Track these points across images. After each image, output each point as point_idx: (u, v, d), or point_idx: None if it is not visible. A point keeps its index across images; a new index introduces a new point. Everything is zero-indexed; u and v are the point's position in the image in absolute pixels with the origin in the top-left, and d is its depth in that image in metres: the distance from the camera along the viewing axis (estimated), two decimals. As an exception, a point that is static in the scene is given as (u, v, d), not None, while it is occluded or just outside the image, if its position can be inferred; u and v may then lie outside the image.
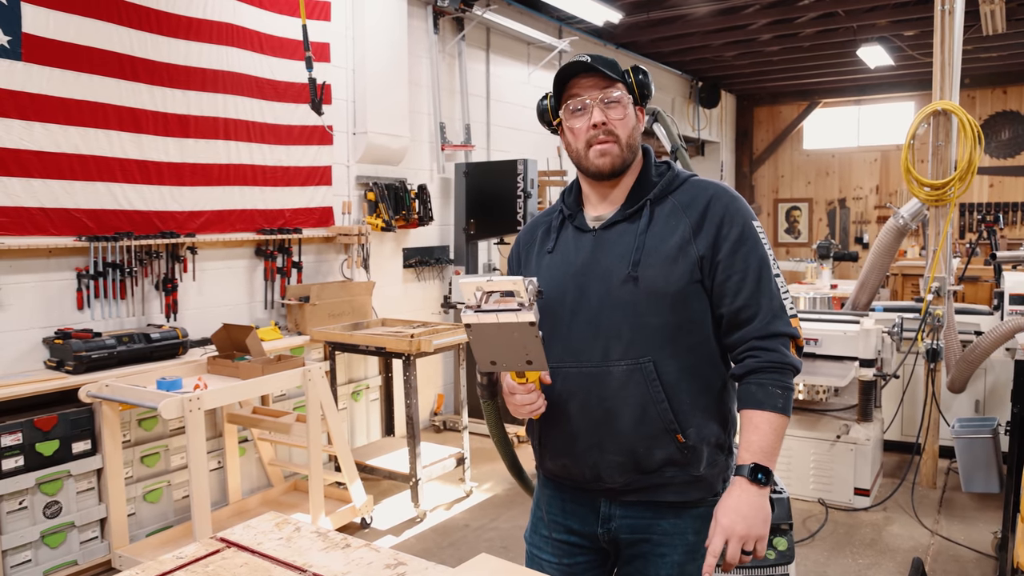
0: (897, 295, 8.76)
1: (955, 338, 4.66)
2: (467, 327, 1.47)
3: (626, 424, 1.59)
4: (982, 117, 10.38)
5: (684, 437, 1.58)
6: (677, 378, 1.58)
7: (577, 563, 1.74)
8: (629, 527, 1.66)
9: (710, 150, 11.83)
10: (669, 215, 1.61)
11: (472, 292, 1.46)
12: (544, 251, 1.72)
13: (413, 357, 4.16)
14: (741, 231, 1.58)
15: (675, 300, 1.57)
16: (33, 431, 3.30)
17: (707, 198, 1.61)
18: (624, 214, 1.64)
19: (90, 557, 3.53)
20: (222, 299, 4.51)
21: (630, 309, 1.57)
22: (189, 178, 4.26)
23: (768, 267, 1.59)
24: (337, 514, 3.91)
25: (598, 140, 1.61)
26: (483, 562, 1.53)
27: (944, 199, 4.47)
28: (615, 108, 1.60)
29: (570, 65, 1.62)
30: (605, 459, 1.61)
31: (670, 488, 1.62)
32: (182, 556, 1.57)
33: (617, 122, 1.60)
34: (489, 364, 1.52)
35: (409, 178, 5.73)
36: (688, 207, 1.61)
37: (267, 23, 4.67)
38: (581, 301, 1.62)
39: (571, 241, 1.69)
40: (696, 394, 1.59)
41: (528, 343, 1.45)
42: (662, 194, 1.64)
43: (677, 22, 7.73)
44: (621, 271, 1.59)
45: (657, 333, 1.57)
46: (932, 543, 3.89)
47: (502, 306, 1.44)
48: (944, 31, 4.44)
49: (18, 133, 3.51)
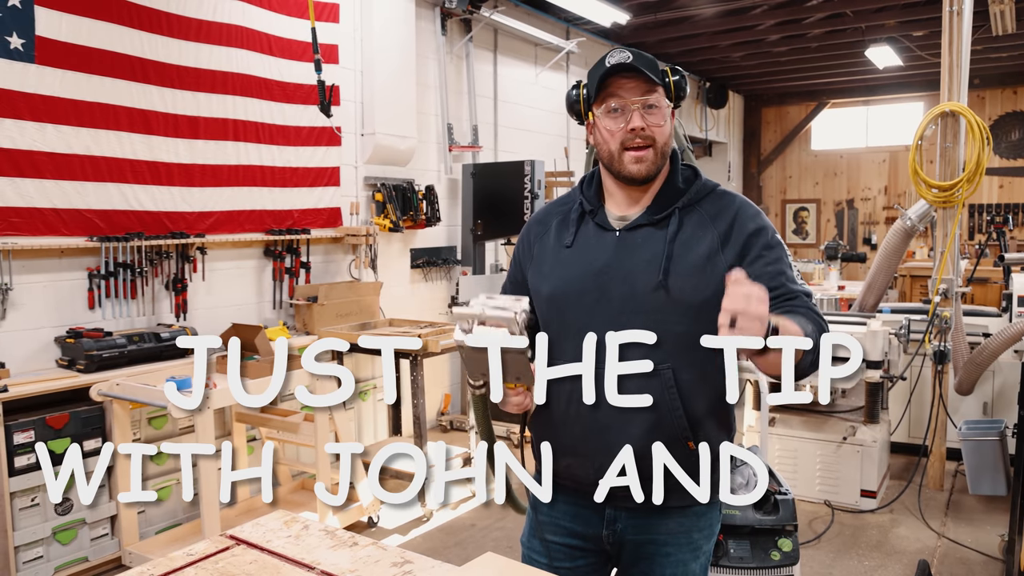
0: (905, 297, 8.73)
1: (963, 340, 4.64)
2: (459, 347, 1.49)
3: (638, 429, 1.56)
4: (991, 118, 10.32)
5: (694, 444, 1.55)
6: (694, 386, 1.57)
7: (578, 567, 1.72)
8: (635, 527, 1.66)
9: (718, 151, 11.81)
10: (697, 225, 1.61)
11: (466, 313, 1.49)
12: (561, 244, 1.68)
13: (420, 357, 4.18)
14: (768, 242, 1.60)
15: (700, 310, 1.53)
16: (45, 429, 3.34)
17: (734, 210, 1.62)
18: (650, 218, 1.62)
19: (101, 554, 3.56)
20: (231, 299, 4.55)
21: (655, 315, 1.55)
22: (199, 179, 4.29)
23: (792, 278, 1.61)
24: (344, 513, 3.94)
25: (634, 145, 1.57)
26: (489, 560, 1.55)
27: (952, 201, 4.46)
28: (655, 114, 1.57)
29: (613, 65, 1.56)
30: (611, 464, 1.56)
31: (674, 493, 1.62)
32: (192, 553, 1.59)
33: (656, 129, 1.57)
34: (479, 376, 1.54)
35: (417, 179, 5.76)
36: (716, 218, 1.61)
37: (276, 25, 4.70)
38: (601, 302, 1.59)
39: (592, 238, 1.65)
40: (710, 402, 1.58)
41: (518, 365, 1.48)
42: (690, 203, 1.63)
43: (685, 23, 7.72)
44: (649, 277, 1.56)
45: (680, 341, 1.54)
46: (939, 545, 3.89)
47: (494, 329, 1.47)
48: (952, 32, 4.43)
49: (31, 135, 3.56)
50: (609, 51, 1.61)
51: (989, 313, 5.22)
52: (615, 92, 1.57)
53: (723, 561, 2.57)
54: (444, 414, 6.10)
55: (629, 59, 1.56)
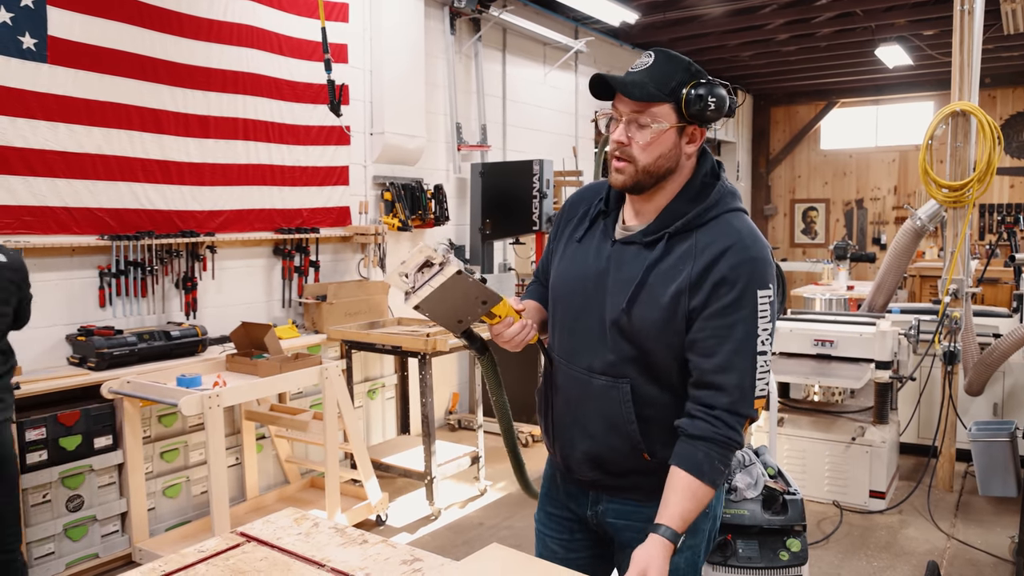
0: (915, 297, 8.69)
1: (973, 340, 4.62)
2: (416, 308, 1.55)
3: (597, 432, 1.65)
4: (1003, 117, 10.26)
5: (650, 455, 1.62)
6: (650, 402, 1.60)
7: (576, 539, 1.81)
8: (614, 512, 1.72)
9: (726, 150, 11.78)
10: (682, 256, 1.54)
11: (399, 280, 1.55)
12: (574, 238, 1.72)
13: (429, 356, 4.19)
14: (738, 297, 1.49)
15: (657, 340, 1.56)
16: (56, 426, 3.36)
17: (722, 248, 1.51)
18: (643, 238, 1.59)
19: (111, 550, 3.59)
20: (241, 297, 4.57)
21: (618, 334, 1.59)
22: (209, 178, 4.31)
23: (753, 341, 1.50)
24: (353, 511, 3.95)
25: (615, 155, 1.57)
26: (494, 551, 1.56)
27: (962, 200, 4.44)
28: (643, 132, 1.52)
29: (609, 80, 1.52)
30: (575, 454, 1.69)
31: (637, 491, 1.67)
32: (204, 550, 1.61)
33: (638, 147, 1.52)
34: (456, 324, 1.61)
35: (425, 178, 5.77)
36: (703, 252, 1.52)
37: (286, 25, 4.71)
38: (585, 309, 1.65)
39: (596, 242, 1.67)
40: (666, 419, 1.60)
41: (470, 289, 1.54)
42: (687, 227, 1.55)
43: (693, 22, 7.71)
44: (619, 299, 1.58)
45: (639, 360, 1.59)
46: (948, 547, 3.87)
47: (429, 274, 1.53)
48: (963, 30, 4.41)
49: (43, 134, 3.58)
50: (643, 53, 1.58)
51: (1000, 314, 5.20)
52: (616, 99, 1.56)
53: (732, 561, 2.57)
54: (452, 413, 6.11)
55: (639, 68, 1.52)
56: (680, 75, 1.51)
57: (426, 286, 1.52)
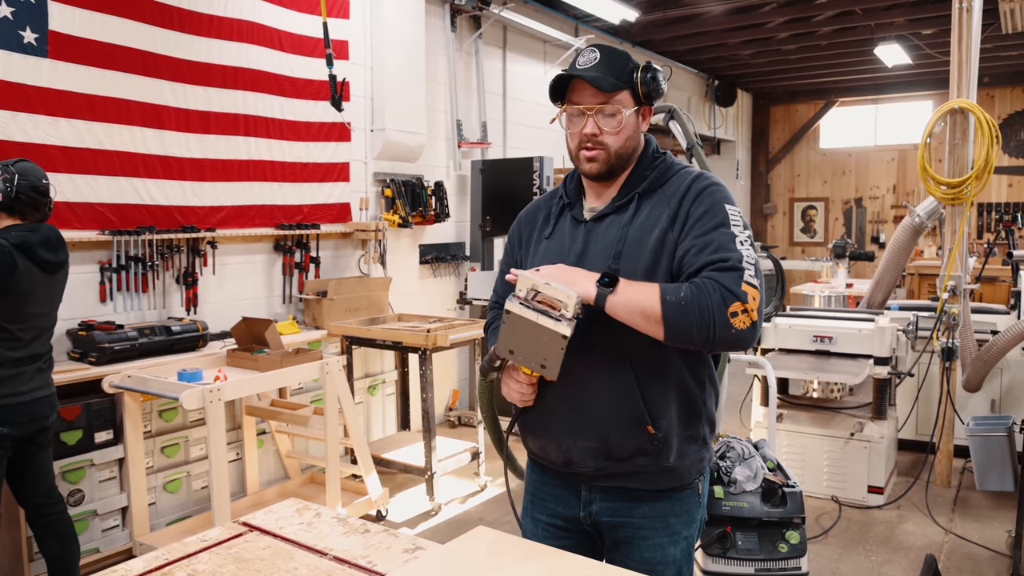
0: (914, 295, 8.71)
1: (971, 337, 4.64)
2: (506, 312, 1.53)
3: (600, 412, 1.63)
4: (1001, 116, 10.28)
5: (655, 429, 1.62)
6: (653, 372, 1.62)
7: (563, 545, 1.76)
8: (609, 510, 1.71)
9: (726, 149, 11.79)
10: (655, 206, 1.65)
11: (527, 287, 1.52)
12: (542, 237, 1.77)
13: (429, 352, 4.20)
14: (710, 209, 1.58)
15: None
16: (57, 420, 3.36)
17: (687, 185, 1.64)
18: (613, 207, 1.68)
19: (111, 545, 3.60)
20: (241, 293, 4.58)
21: None
22: (210, 173, 4.32)
23: (734, 241, 1.54)
24: (353, 506, 3.96)
25: (586, 147, 1.65)
26: (481, 533, 1.57)
27: (960, 198, 4.46)
28: (610, 120, 1.63)
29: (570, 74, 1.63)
30: (578, 444, 1.67)
31: (641, 476, 1.66)
32: (207, 539, 1.61)
33: (609, 134, 1.64)
34: (507, 352, 1.58)
35: (426, 175, 5.78)
36: (672, 197, 1.64)
37: (287, 21, 4.72)
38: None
39: (567, 231, 1.73)
40: (670, 389, 1.63)
41: (551, 351, 1.51)
42: (651, 187, 1.67)
43: (693, 20, 7.72)
44: (605, 263, 1.62)
45: None
46: (946, 541, 3.89)
47: (545, 308, 1.50)
48: (962, 29, 4.42)
49: (44, 129, 3.59)
50: (581, 50, 1.67)
51: (997, 310, 5.22)
52: (573, 99, 1.65)
53: (731, 552, 2.59)
54: (452, 409, 6.12)
55: (590, 63, 1.62)
56: (628, 63, 1.65)
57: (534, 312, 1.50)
